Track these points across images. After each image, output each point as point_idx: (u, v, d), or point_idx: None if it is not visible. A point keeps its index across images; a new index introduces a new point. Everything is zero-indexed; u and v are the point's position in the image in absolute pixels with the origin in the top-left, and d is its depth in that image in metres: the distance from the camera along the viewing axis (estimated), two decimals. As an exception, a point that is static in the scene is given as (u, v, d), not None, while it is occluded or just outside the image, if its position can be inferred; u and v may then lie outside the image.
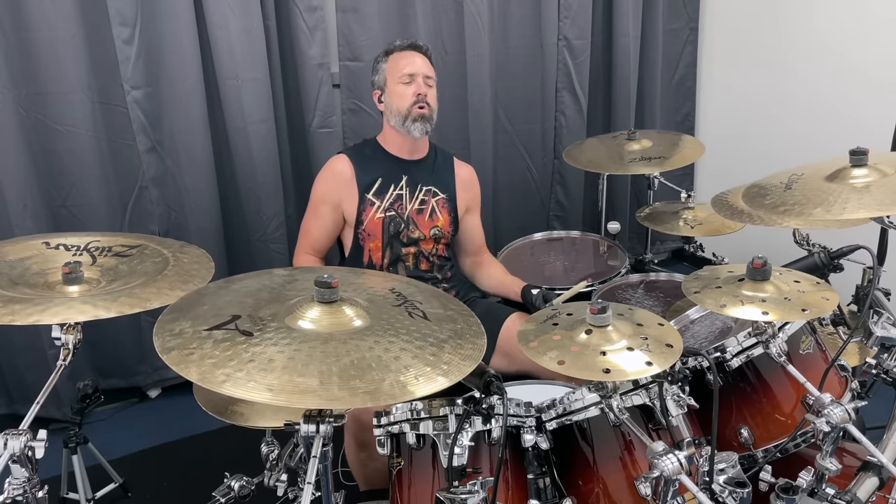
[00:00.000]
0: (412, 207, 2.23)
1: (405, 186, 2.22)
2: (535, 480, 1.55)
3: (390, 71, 2.19)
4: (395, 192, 2.21)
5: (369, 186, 2.19)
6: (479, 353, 1.26)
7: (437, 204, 2.26)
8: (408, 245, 2.23)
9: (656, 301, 2.22)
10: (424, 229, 2.24)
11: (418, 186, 2.24)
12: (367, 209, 2.19)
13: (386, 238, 2.21)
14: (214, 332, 1.18)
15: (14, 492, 1.29)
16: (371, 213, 2.19)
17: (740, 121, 3.49)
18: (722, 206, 2.02)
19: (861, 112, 2.89)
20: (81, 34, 2.43)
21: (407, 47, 2.22)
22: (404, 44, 2.23)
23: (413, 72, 2.16)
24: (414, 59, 2.19)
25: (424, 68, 2.20)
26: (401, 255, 2.23)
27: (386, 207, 2.20)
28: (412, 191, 2.23)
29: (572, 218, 3.50)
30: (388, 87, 2.19)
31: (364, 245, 2.22)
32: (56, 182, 2.54)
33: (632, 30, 3.34)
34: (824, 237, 1.98)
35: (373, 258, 2.23)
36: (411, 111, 2.15)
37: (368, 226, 2.19)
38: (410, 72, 2.16)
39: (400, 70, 2.17)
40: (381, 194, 2.20)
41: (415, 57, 2.20)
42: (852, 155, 1.63)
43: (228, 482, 1.69)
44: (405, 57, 2.20)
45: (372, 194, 2.19)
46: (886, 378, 1.79)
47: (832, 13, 2.99)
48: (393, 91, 2.18)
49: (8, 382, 2.67)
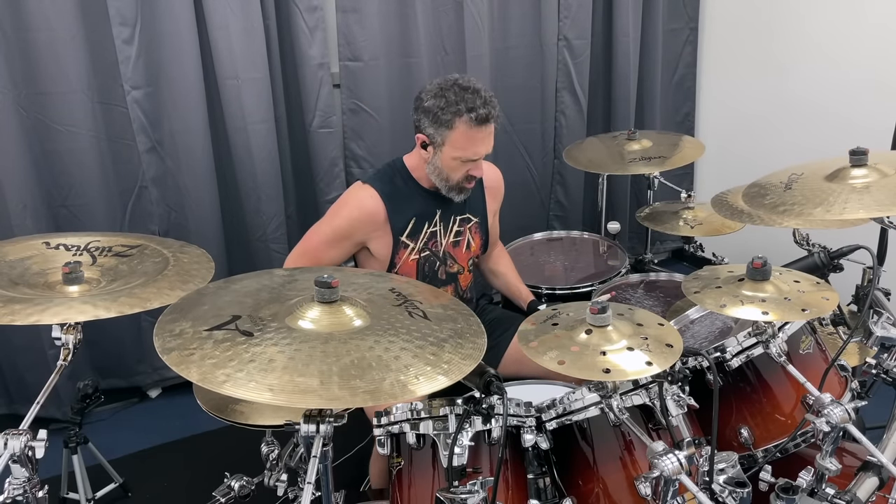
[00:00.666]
0: (447, 242, 2.08)
1: (438, 222, 2.05)
2: (535, 480, 1.55)
3: (453, 143, 1.89)
4: (429, 229, 2.04)
5: (403, 228, 2.00)
6: (479, 353, 1.26)
7: (471, 231, 2.12)
8: (447, 282, 2.10)
9: (656, 301, 2.22)
10: (463, 262, 2.11)
11: (451, 218, 2.08)
12: (400, 252, 2.02)
13: (420, 278, 2.05)
14: (215, 332, 1.18)
15: (14, 492, 1.30)
16: (405, 255, 2.03)
17: (740, 121, 3.49)
18: (722, 206, 2.03)
19: (861, 112, 2.89)
20: (81, 34, 2.43)
21: (482, 121, 1.86)
22: (480, 115, 1.85)
23: (476, 158, 1.92)
24: (482, 142, 1.90)
25: (488, 148, 1.93)
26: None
27: (420, 248, 2.03)
28: (446, 224, 2.07)
29: (572, 218, 3.50)
30: (443, 154, 1.91)
31: None
32: (56, 182, 2.54)
33: (632, 30, 3.33)
34: (824, 237, 1.98)
35: None
36: (460, 184, 1.97)
37: (402, 269, 2.03)
38: (473, 158, 1.92)
39: (465, 152, 1.90)
40: (416, 234, 2.02)
41: (485, 136, 1.90)
42: (852, 155, 1.63)
43: (228, 482, 1.69)
44: (474, 139, 1.88)
45: (406, 236, 2.01)
46: (886, 378, 1.79)
47: (832, 13, 2.99)
48: (447, 162, 1.92)
49: (8, 382, 2.67)
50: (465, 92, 1.87)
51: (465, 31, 3.00)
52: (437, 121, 1.89)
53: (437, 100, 1.88)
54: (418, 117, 1.94)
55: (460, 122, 1.86)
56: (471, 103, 1.86)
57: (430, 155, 1.95)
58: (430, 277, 2.08)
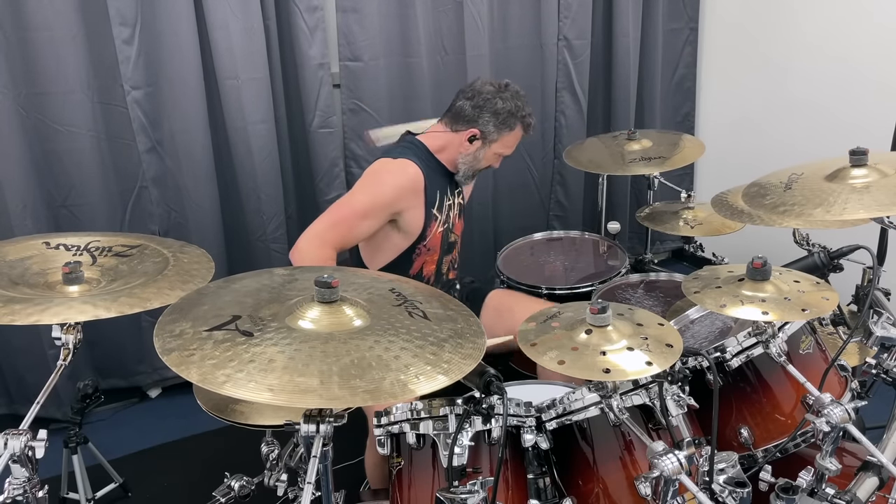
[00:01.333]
0: (455, 214, 2.25)
1: (451, 195, 2.23)
2: (535, 480, 1.55)
3: (504, 142, 2.17)
4: (447, 203, 2.20)
5: (433, 202, 2.14)
6: (479, 353, 1.26)
7: (461, 203, 2.30)
8: (450, 252, 2.27)
9: (656, 301, 2.22)
10: (458, 231, 2.29)
11: (456, 193, 2.26)
12: (432, 224, 2.15)
13: (444, 249, 2.23)
14: (215, 332, 1.18)
15: (14, 492, 1.29)
16: (435, 227, 2.16)
17: (740, 121, 3.49)
18: (722, 206, 2.02)
19: (861, 112, 2.89)
20: (81, 34, 2.43)
21: (530, 127, 2.21)
22: (531, 122, 2.20)
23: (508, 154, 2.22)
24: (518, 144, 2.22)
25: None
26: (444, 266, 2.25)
27: (444, 220, 2.19)
28: (453, 199, 2.24)
29: (572, 218, 3.50)
30: (491, 149, 2.16)
31: (416, 258, 2.16)
32: (56, 182, 2.54)
33: (632, 30, 3.34)
34: (824, 237, 1.98)
35: (424, 271, 2.19)
36: (479, 171, 2.24)
37: (431, 241, 2.16)
38: (507, 155, 2.21)
39: (509, 150, 2.20)
40: (441, 208, 2.18)
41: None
42: (852, 155, 1.63)
43: (228, 482, 1.69)
44: (518, 141, 2.21)
45: (436, 209, 2.16)
46: (886, 378, 1.79)
47: (832, 13, 2.99)
48: (489, 156, 2.18)
49: (8, 382, 2.67)
50: (522, 99, 2.16)
51: (465, 31, 3.00)
52: (504, 123, 2.12)
53: (505, 104, 2.12)
54: (477, 114, 2.11)
55: (518, 127, 2.16)
56: (527, 110, 2.16)
57: (475, 148, 2.14)
58: (447, 247, 2.24)
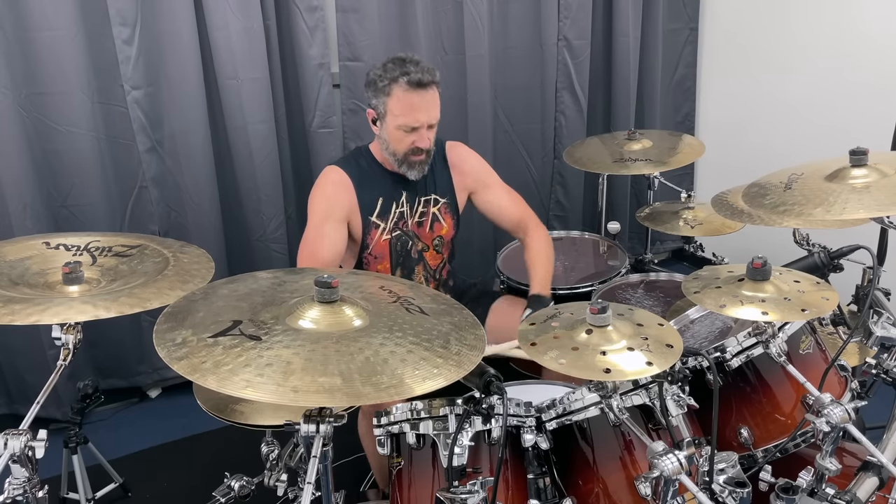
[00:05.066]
0: (413, 221, 2.14)
1: (405, 202, 2.11)
2: (535, 480, 1.55)
3: (391, 111, 1.97)
4: (397, 210, 2.10)
5: (372, 208, 2.07)
6: (482, 343, 1.27)
7: (439, 212, 2.17)
8: (418, 261, 2.16)
9: (656, 301, 2.22)
10: (427, 241, 2.17)
11: (417, 199, 2.14)
12: (371, 232, 2.08)
13: (395, 258, 2.12)
14: (220, 338, 1.17)
15: (14, 492, 1.30)
16: (376, 235, 2.09)
17: (740, 121, 3.49)
18: (722, 206, 2.03)
19: (861, 112, 2.89)
20: (81, 34, 2.43)
21: (415, 85, 1.94)
22: (412, 78, 1.93)
23: (417, 125, 1.98)
24: (420, 108, 1.96)
25: (429, 115, 1.99)
26: (413, 276, 2.16)
27: (391, 228, 2.10)
28: (412, 205, 2.13)
29: (572, 218, 3.50)
30: (387, 124, 2.00)
31: (367, 267, 2.12)
32: (56, 182, 2.54)
33: (632, 30, 3.33)
34: (824, 237, 1.98)
35: None
36: (407, 158, 2.02)
37: (375, 249, 2.10)
38: (414, 126, 1.97)
39: (401, 119, 1.97)
40: (385, 215, 2.09)
41: (422, 101, 1.96)
42: (852, 155, 1.63)
43: (228, 482, 1.69)
44: (411, 104, 1.95)
45: (375, 216, 2.07)
46: (886, 378, 1.79)
47: (832, 13, 2.99)
48: (391, 132, 2.00)
49: (8, 382, 2.67)
50: (402, 62, 1.97)
51: (465, 31, 3.00)
52: (376, 90, 1.99)
53: (377, 70, 2.00)
54: (366, 93, 2.04)
55: (397, 88, 1.95)
56: (405, 68, 1.95)
57: (379, 129, 2.04)
58: (403, 256, 2.14)
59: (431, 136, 2.03)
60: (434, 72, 1.99)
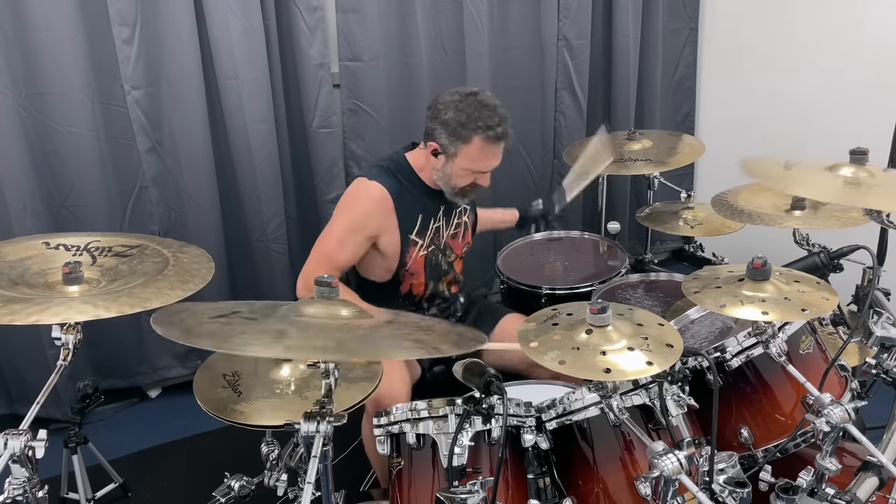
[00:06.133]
0: (448, 234, 2.15)
1: (441, 217, 2.12)
2: (535, 480, 1.55)
3: (467, 155, 1.95)
4: (434, 225, 2.10)
5: (412, 227, 2.05)
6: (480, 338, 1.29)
7: (467, 221, 2.21)
8: (447, 272, 2.18)
9: (656, 301, 2.22)
10: (458, 251, 2.20)
11: (453, 212, 2.15)
12: (410, 250, 2.07)
13: (429, 272, 2.13)
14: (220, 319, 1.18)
15: (14, 492, 1.29)
16: (415, 252, 2.08)
17: (740, 121, 3.49)
18: (722, 206, 2.03)
19: (861, 112, 2.89)
20: (81, 34, 2.43)
21: (497, 139, 1.94)
22: (496, 133, 1.93)
23: (487, 171, 2.00)
24: (496, 157, 1.98)
25: (498, 161, 2.01)
26: (439, 285, 2.17)
27: (427, 245, 2.09)
28: (448, 219, 2.14)
29: (572, 218, 3.50)
30: (455, 164, 1.97)
31: (405, 280, 2.12)
32: (56, 182, 2.54)
33: (632, 30, 3.33)
34: (824, 237, 1.98)
35: (413, 291, 2.14)
36: (465, 191, 2.04)
37: (412, 266, 2.09)
38: (485, 171, 2.00)
39: (477, 165, 1.97)
40: (423, 232, 2.08)
41: (498, 150, 1.97)
42: (852, 155, 1.63)
43: (228, 482, 1.69)
44: (489, 154, 1.96)
45: (415, 234, 2.06)
46: (886, 378, 1.79)
47: (832, 13, 2.99)
48: (457, 172, 1.99)
49: (8, 382, 2.67)
50: (483, 109, 1.92)
51: (465, 31, 3.00)
52: (454, 134, 1.93)
53: (457, 114, 1.93)
54: (433, 126, 1.97)
55: (477, 139, 1.92)
56: (489, 121, 1.91)
57: (441, 163, 1.99)
58: (435, 269, 2.14)
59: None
60: (507, 118, 1.97)
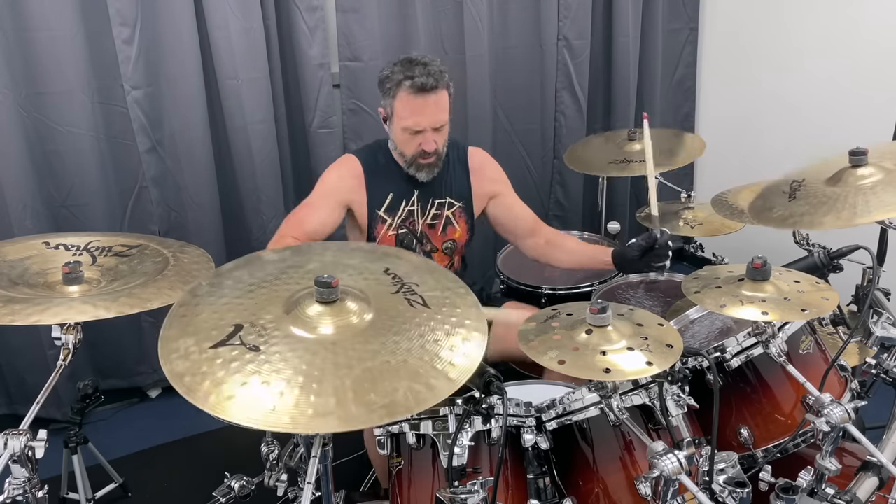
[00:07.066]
0: (424, 222, 2.13)
1: (416, 202, 2.11)
2: (535, 480, 1.55)
3: (397, 113, 1.98)
4: (406, 207, 2.11)
5: (380, 203, 2.08)
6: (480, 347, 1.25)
7: (453, 215, 2.16)
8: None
9: (656, 301, 2.22)
10: (437, 243, 2.17)
11: (430, 201, 2.13)
12: (378, 226, 2.09)
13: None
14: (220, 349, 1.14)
15: (14, 492, 1.30)
16: (383, 230, 2.10)
17: (740, 121, 3.49)
18: (722, 206, 2.03)
19: (861, 112, 2.89)
20: (81, 34, 2.43)
21: (419, 90, 1.92)
22: (416, 82, 1.92)
23: (420, 129, 1.97)
24: (424, 112, 1.95)
25: (433, 119, 1.97)
26: None
27: (398, 225, 2.10)
28: (423, 206, 2.12)
29: (572, 218, 3.50)
30: (394, 125, 2.01)
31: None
32: (56, 182, 2.54)
33: (632, 30, 3.33)
34: (824, 237, 1.98)
35: None
36: (416, 160, 2.02)
37: (382, 242, 2.10)
38: (417, 129, 1.97)
39: (405, 122, 1.97)
40: (393, 211, 2.09)
41: (426, 105, 1.94)
42: (852, 155, 1.63)
43: (228, 482, 1.68)
44: (415, 107, 1.95)
45: (383, 211, 2.08)
46: (886, 378, 1.79)
47: (831, 13, 2.99)
48: (397, 134, 2.01)
49: (8, 382, 2.67)
50: (409, 63, 1.96)
51: (465, 31, 3.00)
52: (385, 93, 2.00)
53: (386, 70, 2.00)
54: (379, 92, 2.04)
55: (401, 91, 1.95)
56: (411, 72, 1.93)
57: (389, 129, 2.06)
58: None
59: (438, 138, 2.01)
60: (442, 74, 1.97)
